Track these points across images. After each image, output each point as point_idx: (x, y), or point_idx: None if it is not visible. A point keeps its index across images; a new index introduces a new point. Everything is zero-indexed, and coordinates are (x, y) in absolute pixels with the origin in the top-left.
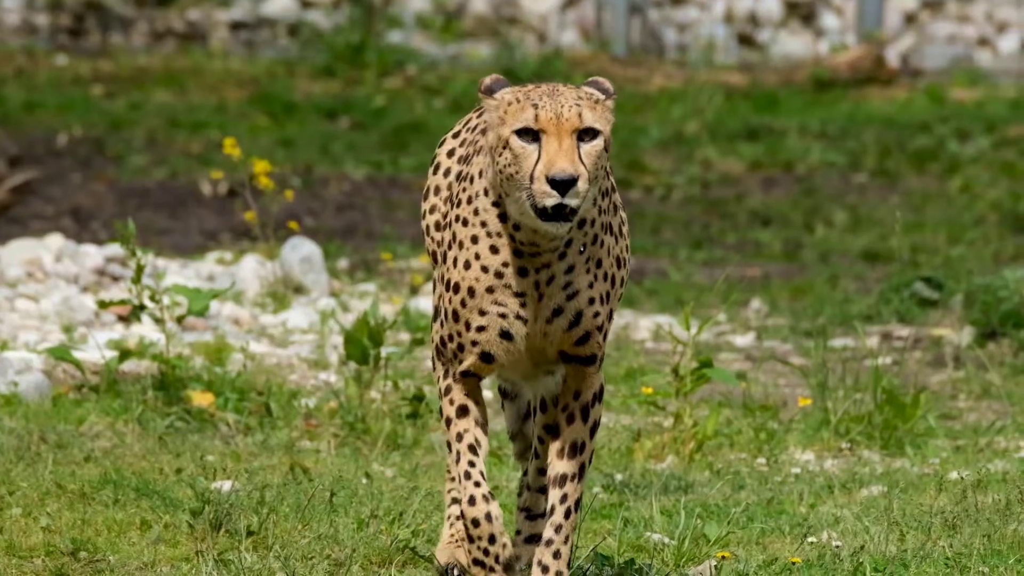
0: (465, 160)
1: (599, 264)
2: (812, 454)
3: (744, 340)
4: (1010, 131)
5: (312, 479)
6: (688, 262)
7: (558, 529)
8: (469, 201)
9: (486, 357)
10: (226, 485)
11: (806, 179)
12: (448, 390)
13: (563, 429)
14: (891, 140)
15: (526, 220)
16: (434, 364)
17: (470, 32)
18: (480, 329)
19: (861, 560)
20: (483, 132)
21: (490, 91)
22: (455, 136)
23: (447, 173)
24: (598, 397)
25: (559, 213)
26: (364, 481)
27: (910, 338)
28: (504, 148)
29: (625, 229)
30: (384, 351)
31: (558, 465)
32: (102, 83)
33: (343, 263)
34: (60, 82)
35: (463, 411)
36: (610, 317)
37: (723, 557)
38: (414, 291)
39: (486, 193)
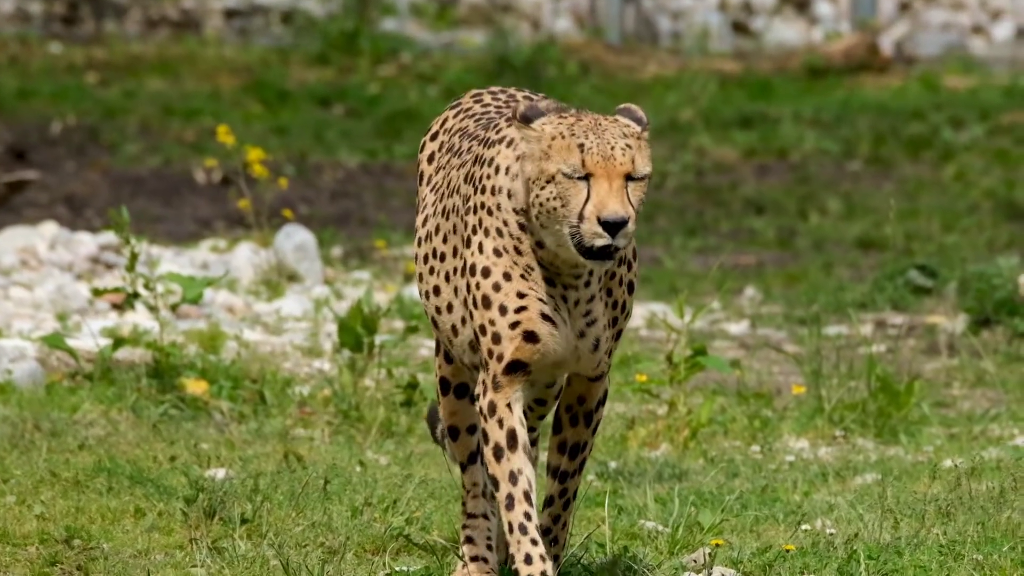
0: (441, 168)
1: (609, 293)
2: (806, 442)
3: (738, 328)
4: (1004, 119)
5: (306, 467)
6: (682, 250)
7: (556, 519)
8: (494, 192)
9: (531, 337)
10: (220, 473)
11: (800, 167)
12: (493, 408)
13: (565, 427)
14: (885, 128)
15: (562, 252)
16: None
17: (464, 20)
18: (520, 310)
19: (855, 548)
20: (517, 157)
21: (527, 120)
22: (433, 138)
23: (428, 181)
24: (602, 402)
25: (604, 252)
26: (358, 469)
27: (904, 326)
28: (547, 183)
29: (636, 253)
30: (378, 339)
31: (559, 460)
32: (96, 71)
33: (337, 251)
34: (54, 70)
35: (513, 440)
36: (617, 337)
37: (717, 545)
38: (408, 279)
39: (509, 196)
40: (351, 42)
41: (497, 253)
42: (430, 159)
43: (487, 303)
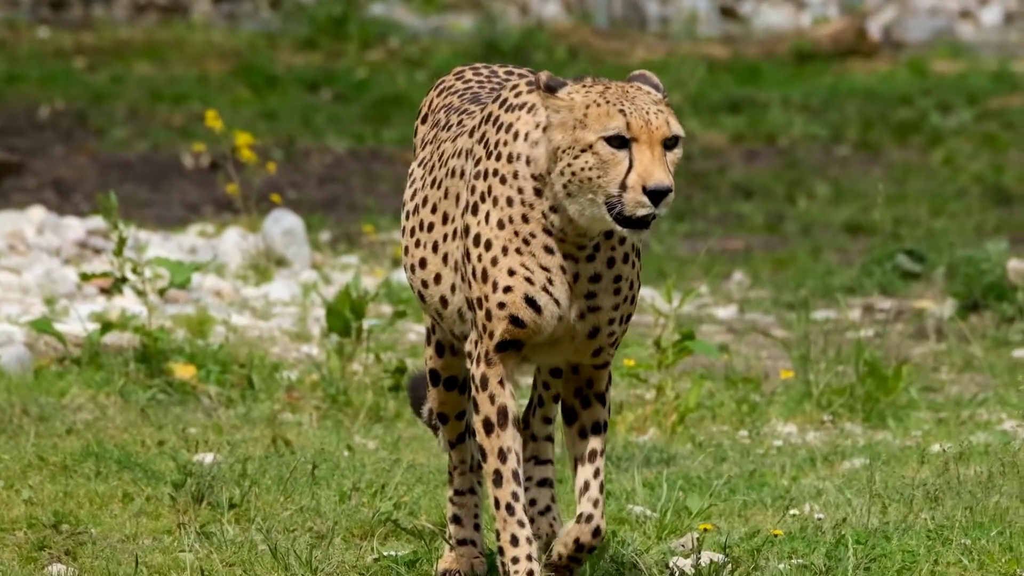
0: (428, 143)
1: (628, 284)
2: (794, 426)
3: (726, 312)
4: (992, 103)
5: (294, 452)
6: (670, 234)
7: (595, 503)
8: (510, 159)
9: (516, 322)
10: (208, 458)
11: (788, 151)
12: (485, 382)
13: (580, 412)
14: (873, 113)
15: (583, 221)
16: (434, 343)
17: (452, 4)
18: (507, 290)
19: (843, 532)
20: (543, 127)
21: (551, 89)
22: (423, 121)
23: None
24: (610, 382)
25: (643, 221)
26: (346, 453)
27: (892, 310)
28: (583, 152)
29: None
30: (366, 323)
31: (584, 444)
32: (84, 56)
33: (325, 236)
34: (42, 55)
35: (504, 416)
36: (624, 329)
37: (705, 529)
38: (396, 263)
39: (527, 162)
40: (339, 27)
41: (500, 225)
42: (423, 143)
43: (484, 276)
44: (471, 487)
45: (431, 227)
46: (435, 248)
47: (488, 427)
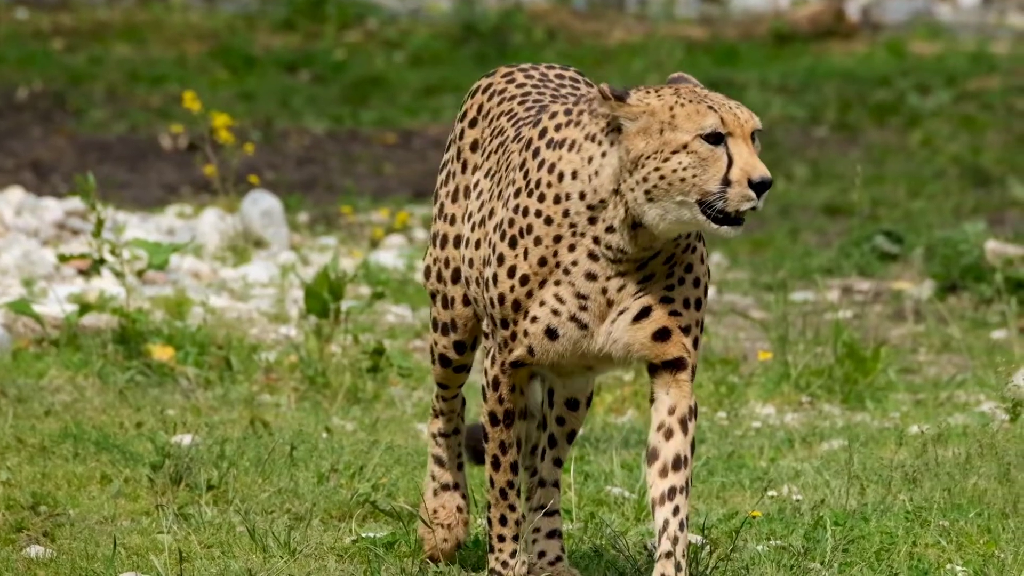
0: (479, 148)
1: (688, 269)
2: (772, 408)
3: None
4: (970, 85)
5: (272, 433)
6: None
7: (675, 541)
8: (556, 200)
9: (531, 351)
10: (186, 439)
11: (767, 133)
12: (497, 384)
13: (662, 447)
14: (851, 94)
15: (663, 225)
16: (432, 356)
17: None
18: (534, 320)
19: (821, 514)
20: (615, 135)
21: (621, 98)
22: (472, 125)
23: (474, 169)
24: (694, 412)
25: (739, 218)
26: (324, 435)
27: (870, 292)
28: (674, 153)
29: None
30: (344, 305)
31: (664, 482)
32: (62, 37)
33: (303, 217)
34: (20, 36)
35: (510, 417)
36: (699, 325)
37: None
38: (374, 245)
39: (581, 197)
40: (317, 8)
41: (542, 263)
42: (472, 147)
43: (516, 306)
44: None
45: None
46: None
47: (494, 420)
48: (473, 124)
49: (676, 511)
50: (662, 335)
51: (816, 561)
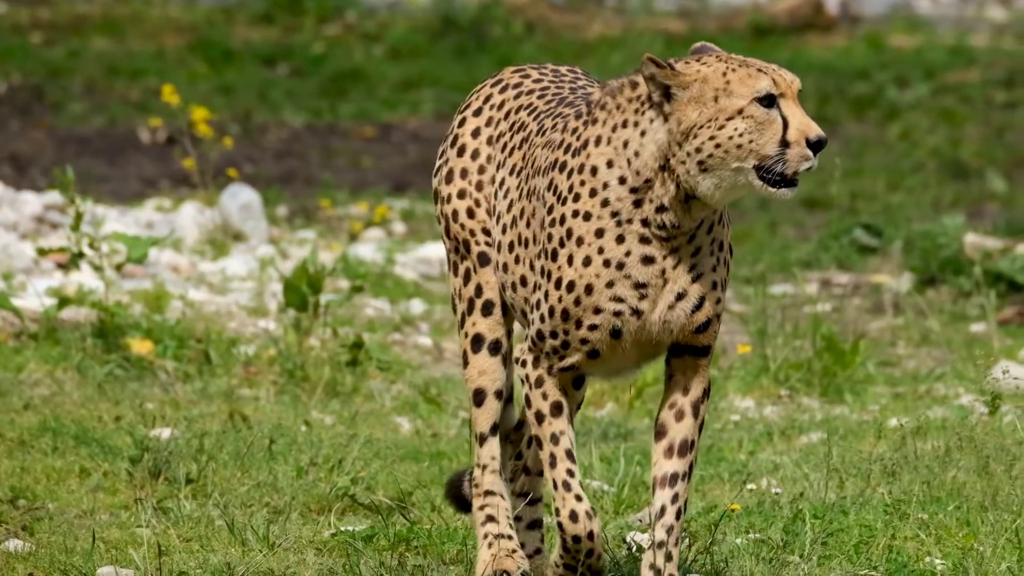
0: (497, 142)
1: (721, 247)
2: (752, 401)
3: None
4: (949, 78)
5: (251, 427)
6: None
7: (669, 531)
8: (593, 194)
9: (593, 354)
10: (165, 433)
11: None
12: (540, 382)
13: (671, 427)
14: (830, 87)
15: (719, 194)
16: (466, 359)
17: None
18: (592, 328)
19: (800, 507)
20: (656, 112)
21: (671, 66)
22: (476, 114)
23: (475, 155)
24: (707, 393)
25: (793, 179)
26: (303, 429)
27: (849, 285)
28: (730, 120)
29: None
30: (323, 298)
31: (667, 464)
32: (41, 30)
33: (282, 210)
34: None
35: (558, 409)
36: (722, 307)
37: None
38: (353, 238)
39: (621, 182)
40: (296, 1)
41: (586, 263)
42: (475, 133)
43: (565, 316)
44: (501, 491)
45: (527, 243)
46: (532, 267)
47: (540, 418)
48: (478, 113)
49: (675, 498)
50: (704, 327)
51: (795, 554)
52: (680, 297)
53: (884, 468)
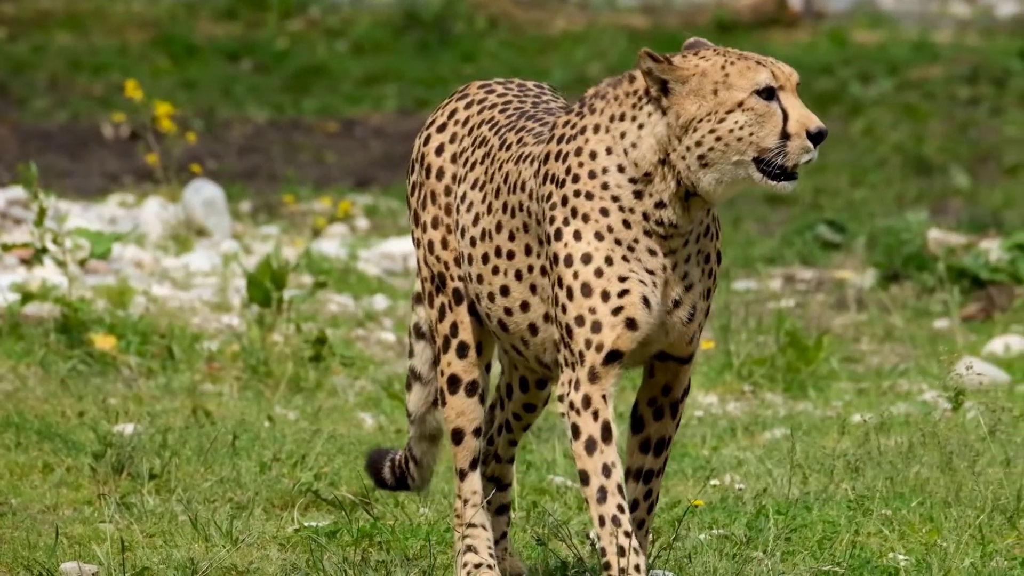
0: (460, 158)
1: (707, 259)
2: (715, 397)
3: None
4: (912, 73)
5: (214, 422)
6: None
7: (641, 524)
8: (592, 176)
9: (631, 324)
10: (128, 428)
11: None
12: (588, 401)
13: (649, 423)
14: None
15: (721, 189)
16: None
17: None
18: (622, 294)
19: (764, 503)
20: (655, 106)
21: (668, 60)
22: (441, 130)
23: (440, 175)
24: (687, 392)
25: (793, 172)
26: (266, 424)
27: (813, 281)
28: (730, 113)
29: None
30: (287, 294)
31: (643, 460)
32: (4, 25)
33: (246, 206)
34: None
35: (608, 433)
36: (706, 313)
37: None
38: (316, 233)
39: (620, 170)
40: None
41: (599, 237)
42: (439, 151)
43: (587, 291)
44: (483, 523)
45: (511, 255)
46: (519, 276)
47: (591, 446)
48: (442, 129)
49: (648, 494)
50: (693, 337)
51: (759, 550)
52: (676, 304)
53: (848, 464)
